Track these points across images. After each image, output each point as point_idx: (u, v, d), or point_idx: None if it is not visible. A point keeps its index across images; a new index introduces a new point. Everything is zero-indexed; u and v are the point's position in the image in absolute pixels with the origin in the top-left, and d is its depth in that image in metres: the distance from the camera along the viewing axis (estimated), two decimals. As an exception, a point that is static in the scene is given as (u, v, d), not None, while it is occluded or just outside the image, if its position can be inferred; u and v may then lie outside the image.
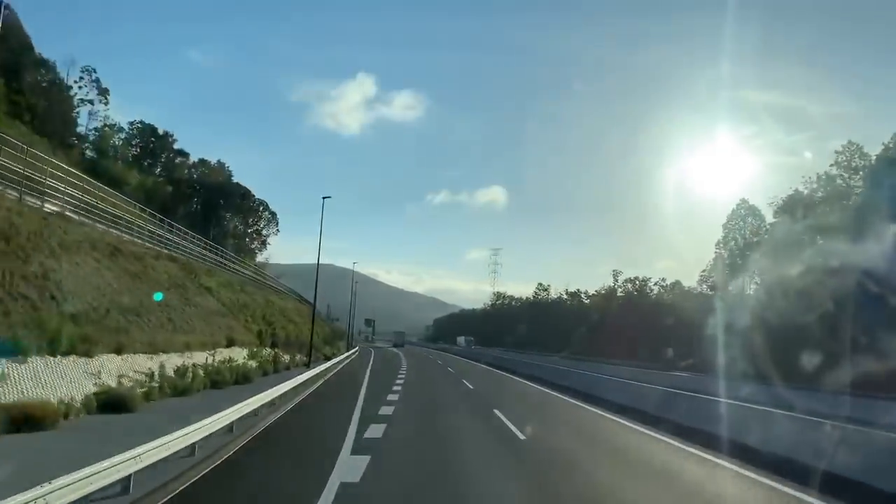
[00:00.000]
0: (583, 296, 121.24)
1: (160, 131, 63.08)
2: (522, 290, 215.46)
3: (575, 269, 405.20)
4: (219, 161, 74.04)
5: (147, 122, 66.36)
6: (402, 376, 31.89)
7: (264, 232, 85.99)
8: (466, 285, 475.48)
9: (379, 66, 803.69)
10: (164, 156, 69.32)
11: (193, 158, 71.98)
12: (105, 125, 64.47)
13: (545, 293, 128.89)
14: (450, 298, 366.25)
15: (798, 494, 8.93)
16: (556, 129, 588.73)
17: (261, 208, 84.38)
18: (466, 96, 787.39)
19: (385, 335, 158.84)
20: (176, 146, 68.48)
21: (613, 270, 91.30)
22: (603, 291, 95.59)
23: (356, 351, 71.84)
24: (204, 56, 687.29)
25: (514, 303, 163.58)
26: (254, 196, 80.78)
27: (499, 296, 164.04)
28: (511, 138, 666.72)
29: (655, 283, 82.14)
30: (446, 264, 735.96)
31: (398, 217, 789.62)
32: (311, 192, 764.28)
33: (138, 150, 65.88)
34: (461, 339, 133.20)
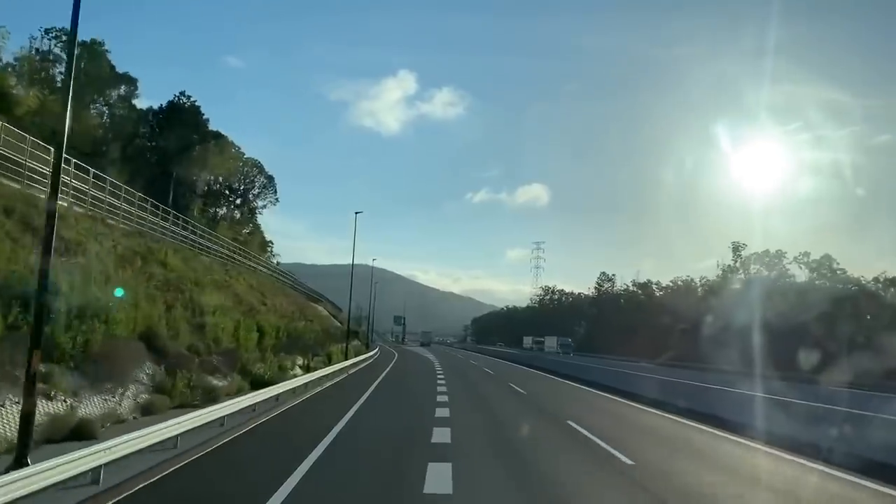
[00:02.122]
0: (654, 287, 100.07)
1: (87, 41, 44.48)
2: (567, 288, 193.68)
3: (621, 268, 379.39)
4: (184, 94, 55.71)
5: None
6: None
7: (259, 202, 67.86)
8: (504, 286, 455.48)
9: (420, 64, 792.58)
10: (112, 93, 51.49)
11: (159, 101, 53.90)
12: (35, 49, 46.92)
13: (609, 284, 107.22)
14: (486, 298, 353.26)
15: None
16: (600, 126, 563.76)
17: (255, 170, 66.41)
18: (508, 92, 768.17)
19: (415, 335, 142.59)
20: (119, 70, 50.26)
21: (733, 243, 69.90)
22: (709, 279, 73.45)
23: (373, 355, 51.82)
24: (242, 61, 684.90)
25: (564, 299, 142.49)
26: (240, 151, 62.69)
27: (547, 290, 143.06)
28: (554, 135, 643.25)
29: (794, 260, 59.47)
30: (484, 265, 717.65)
31: (437, 217, 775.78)
32: (349, 193, 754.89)
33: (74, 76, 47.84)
34: (551, 342, 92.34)
